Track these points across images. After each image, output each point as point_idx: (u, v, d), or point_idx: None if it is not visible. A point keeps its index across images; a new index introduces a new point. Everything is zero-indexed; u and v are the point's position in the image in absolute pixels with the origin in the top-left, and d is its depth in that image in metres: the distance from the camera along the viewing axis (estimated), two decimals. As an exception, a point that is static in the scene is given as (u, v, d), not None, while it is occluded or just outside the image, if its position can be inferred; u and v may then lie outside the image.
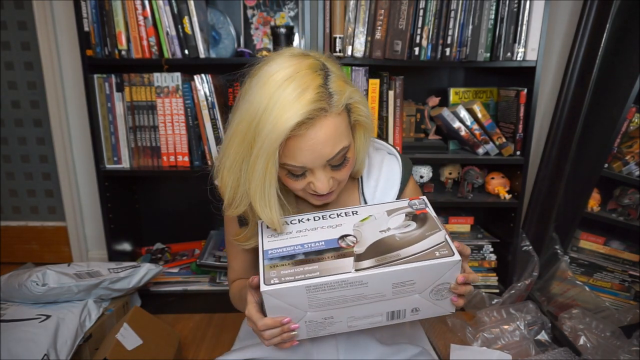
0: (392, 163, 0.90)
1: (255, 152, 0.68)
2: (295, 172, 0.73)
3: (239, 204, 0.76)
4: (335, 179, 0.75)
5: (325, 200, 0.78)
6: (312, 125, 0.68)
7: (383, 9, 1.49)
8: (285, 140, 0.67)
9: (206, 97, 1.55)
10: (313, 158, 0.70)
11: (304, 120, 0.66)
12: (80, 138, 1.91)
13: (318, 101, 0.67)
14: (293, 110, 0.65)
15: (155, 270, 1.52)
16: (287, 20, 1.71)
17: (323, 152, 0.70)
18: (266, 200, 0.71)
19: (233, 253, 0.95)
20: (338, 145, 0.71)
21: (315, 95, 0.67)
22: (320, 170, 0.72)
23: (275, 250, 0.68)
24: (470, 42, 1.51)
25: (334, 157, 0.71)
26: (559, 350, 1.39)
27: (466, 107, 1.62)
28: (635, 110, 1.50)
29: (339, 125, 0.71)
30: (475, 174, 1.67)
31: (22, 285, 1.23)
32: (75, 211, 1.99)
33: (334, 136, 0.70)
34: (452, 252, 0.64)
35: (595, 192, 1.62)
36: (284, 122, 0.65)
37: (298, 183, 0.74)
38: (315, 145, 0.69)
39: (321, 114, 0.68)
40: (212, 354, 1.50)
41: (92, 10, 1.48)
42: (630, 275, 1.63)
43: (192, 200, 1.93)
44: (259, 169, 0.68)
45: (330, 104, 0.69)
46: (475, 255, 1.75)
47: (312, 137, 0.68)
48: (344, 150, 0.72)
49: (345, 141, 0.72)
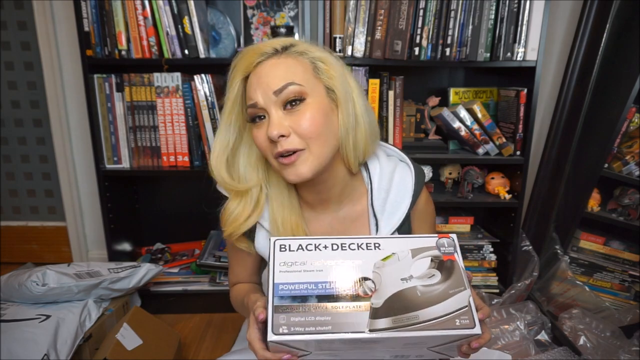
0: (405, 172, 0.86)
1: (225, 98, 0.78)
2: (253, 114, 0.74)
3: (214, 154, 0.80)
4: (292, 128, 0.71)
5: (294, 169, 0.72)
6: (263, 62, 0.73)
7: (383, 9, 1.49)
8: (247, 82, 0.75)
9: (206, 97, 1.55)
10: (261, 90, 0.71)
11: (257, 58, 0.73)
12: (80, 138, 1.91)
13: (274, 43, 0.75)
14: (250, 48, 0.76)
15: (155, 270, 1.52)
16: (287, 20, 1.71)
17: (269, 84, 0.71)
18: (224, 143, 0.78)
19: (235, 257, 0.93)
20: (285, 77, 0.71)
21: (273, 40, 0.76)
22: (272, 110, 0.72)
23: (287, 286, 0.61)
24: (470, 42, 1.51)
25: (280, 90, 0.71)
26: (558, 350, 1.39)
27: (466, 107, 1.62)
28: (635, 110, 1.50)
29: (292, 65, 0.73)
30: (475, 174, 1.67)
31: (22, 285, 1.23)
32: (75, 211, 1.99)
33: (282, 70, 0.72)
34: (474, 324, 0.59)
35: (595, 192, 1.62)
36: (240, 61, 0.75)
37: (260, 132, 0.74)
38: (263, 78, 0.72)
39: (274, 53, 0.74)
40: (212, 354, 1.50)
41: (92, 10, 1.48)
42: (630, 275, 1.63)
43: (192, 200, 1.93)
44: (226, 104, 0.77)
45: (285, 50, 0.75)
46: (475, 255, 1.75)
47: (260, 72, 0.73)
48: (292, 85, 0.71)
49: (297, 78, 0.72)
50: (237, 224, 0.81)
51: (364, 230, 0.85)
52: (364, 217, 0.85)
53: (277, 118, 0.71)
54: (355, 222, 0.85)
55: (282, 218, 0.81)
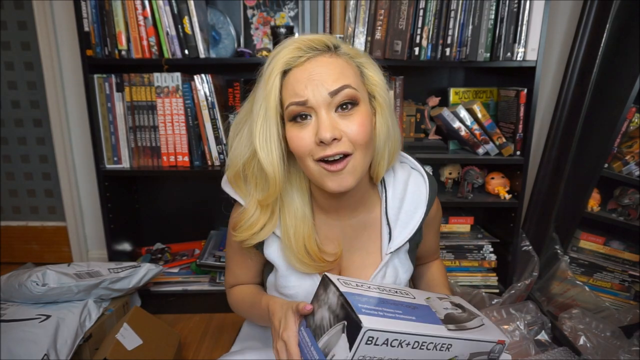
0: (418, 181, 0.84)
1: (260, 91, 0.71)
2: (297, 112, 0.69)
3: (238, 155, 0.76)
4: (343, 131, 0.68)
5: (339, 178, 0.69)
6: (314, 59, 0.69)
7: (383, 9, 1.49)
8: (287, 78, 0.69)
9: (206, 97, 1.55)
10: (313, 88, 0.67)
11: (305, 53, 0.68)
12: (80, 138, 1.91)
13: (323, 40, 0.70)
14: (292, 40, 0.70)
15: (155, 270, 1.52)
16: (287, 20, 1.71)
17: (325, 83, 0.67)
18: (267, 138, 0.70)
19: (237, 259, 0.90)
20: (342, 79, 0.68)
21: (321, 36, 0.71)
22: (323, 111, 0.68)
23: None
24: (470, 42, 1.51)
25: (337, 91, 0.67)
26: (558, 350, 1.39)
27: (466, 107, 1.62)
28: (635, 110, 1.50)
29: (345, 68, 0.70)
30: (475, 174, 1.67)
31: (22, 285, 1.23)
32: (75, 211, 1.99)
33: (337, 71, 0.68)
34: None
35: (595, 192, 1.62)
36: (283, 52, 0.69)
37: (304, 132, 0.69)
38: (315, 75, 0.67)
39: (323, 50, 0.70)
40: (212, 354, 1.50)
41: (92, 10, 1.48)
42: (630, 275, 1.63)
43: (192, 200, 1.93)
44: (260, 101, 0.70)
45: (336, 49, 0.71)
46: (475, 255, 1.75)
47: (312, 69, 0.68)
48: (349, 88, 0.68)
49: (352, 82, 0.69)
50: (251, 232, 0.78)
51: (376, 238, 0.84)
52: (376, 226, 0.84)
53: (330, 120, 0.68)
54: (368, 229, 0.84)
55: (295, 229, 0.78)
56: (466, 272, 1.75)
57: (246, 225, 0.78)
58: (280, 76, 0.70)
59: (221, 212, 2.12)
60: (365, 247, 0.84)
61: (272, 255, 0.82)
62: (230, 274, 0.93)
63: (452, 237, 1.77)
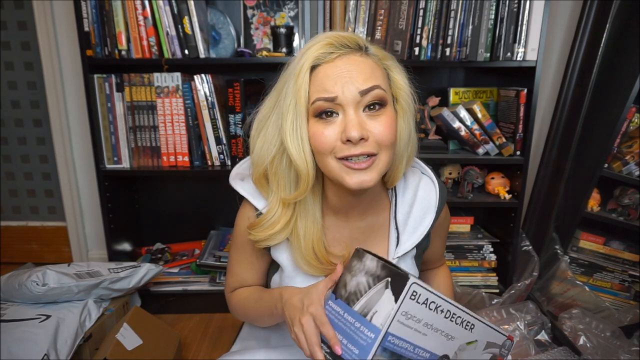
0: (429, 187, 0.84)
1: (287, 86, 0.70)
2: (323, 108, 0.68)
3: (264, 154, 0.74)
4: (370, 131, 0.68)
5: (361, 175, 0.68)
6: (345, 56, 0.68)
7: (383, 9, 1.49)
8: (315, 73, 0.68)
9: (206, 97, 1.55)
10: (344, 85, 0.66)
11: (336, 49, 0.68)
12: (80, 138, 1.91)
13: (355, 39, 0.69)
14: (323, 35, 0.69)
15: (155, 270, 1.52)
16: (287, 20, 1.71)
17: (355, 81, 0.66)
18: (298, 133, 0.69)
19: (242, 261, 0.87)
20: (372, 79, 0.67)
21: (354, 35, 0.70)
22: (351, 109, 0.67)
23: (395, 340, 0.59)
24: (470, 42, 1.51)
25: (367, 91, 0.67)
26: (558, 350, 1.39)
27: (466, 107, 1.62)
28: (635, 110, 1.50)
29: (375, 68, 0.69)
30: (475, 174, 1.67)
31: (22, 285, 1.23)
32: (75, 211, 1.99)
33: (368, 71, 0.68)
34: None
35: (595, 192, 1.62)
36: (315, 47, 0.68)
37: (329, 129, 0.68)
38: (346, 72, 0.67)
39: (355, 49, 0.69)
40: (212, 354, 1.50)
41: (92, 10, 1.48)
42: (630, 275, 1.63)
43: (192, 200, 1.93)
44: (290, 96, 0.69)
45: (366, 49, 0.71)
46: (475, 255, 1.75)
47: (342, 66, 0.67)
48: (379, 89, 0.68)
49: (381, 83, 0.68)
50: (271, 232, 0.76)
51: (383, 242, 0.83)
52: (384, 230, 0.84)
53: (358, 119, 0.67)
54: (376, 233, 0.83)
55: (304, 231, 0.77)
56: (466, 272, 1.75)
57: (267, 224, 0.76)
58: (309, 71, 0.69)
59: (221, 212, 2.12)
60: (371, 250, 0.83)
61: (280, 256, 0.82)
62: (233, 276, 0.90)
63: (452, 237, 1.77)
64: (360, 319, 0.60)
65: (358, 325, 0.60)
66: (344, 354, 0.60)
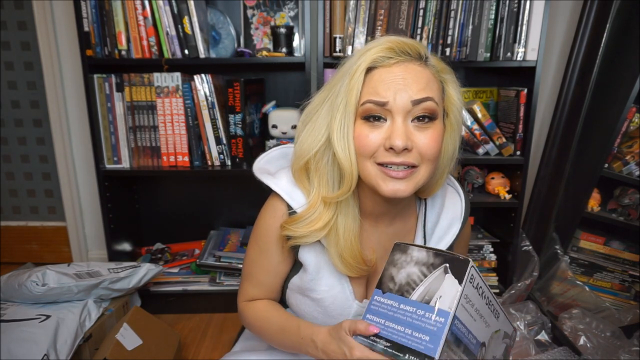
0: (454, 198, 0.84)
1: (341, 84, 0.69)
2: (372, 111, 0.67)
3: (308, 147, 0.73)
4: (415, 143, 0.67)
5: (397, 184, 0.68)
6: (403, 64, 0.67)
7: (383, 9, 1.49)
8: (370, 75, 0.68)
9: (206, 97, 1.55)
10: (396, 92, 0.65)
11: (396, 55, 0.67)
12: (80, 138, 1.91)
13: (417, 48, 0.68)
14: (385, 39, 0.68)
15: (155, 270, 1.52)
16: (287, 20, 1.71)
17: (409, 89, 0.65)
18: (345, 132, 0.68)
19: (264, 264, 0.82)
20: (426, 90, 0.66)
21: (416, 43, 0.69)
22: (400, 117, 0.66)
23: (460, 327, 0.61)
24: (470, 42, 1.51)
25: (420, 101, 0.66)
26: (558, 350, 1.39)
27: (466, 107, 1.61)
28: (635, 110, 1.50)
29: (431, 80, 0.68)
30: (475, 174, 1.67)
31: (22, 285, 1.23)
32: (75, 211, 1.99)
33: (424, 81, 0.67)
34: None
35: (595, 192, 1.62)
36: (374, 50, 0.67)
37: (375, 134, 0.67)
38: (401, 80, 0.66)
39: (415, 58, 0.68)
40: (212, 354, 1.50)
41: (92, 10, 1.48)
42: (630, 275, 1.63)
43: (192, 200, 1.93)
44: (342, 94, 0.68)
45: (426, 59, 0.70)
46: (475, 255, 1.75)
47: (399, 73, 0.66)
48: (431, 101, 0.67)
49: (435, 96, 0.67)
50: (311, 229, 0.73)
51: None
52: (410, 237, 0.84)
53: (405, 128, 0.66)
54: (402, 240, 0.81)
55: (345, 227, 0.75)
56: (466, 272, 1.75)
57: (309, 220, 0.74)
58: (364, 73, 0.68)
59: (221, 212, 2.12)
60: None
61: (307, 256, 0.79)
62: (251, 280, 0.85)
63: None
64: (423, 306, 0.60)
65: (422, 312, 0.60)
66: (411, 344, 0.59)
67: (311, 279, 0.80)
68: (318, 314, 0.82)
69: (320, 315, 0.82)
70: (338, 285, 0.80)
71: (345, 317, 0.81)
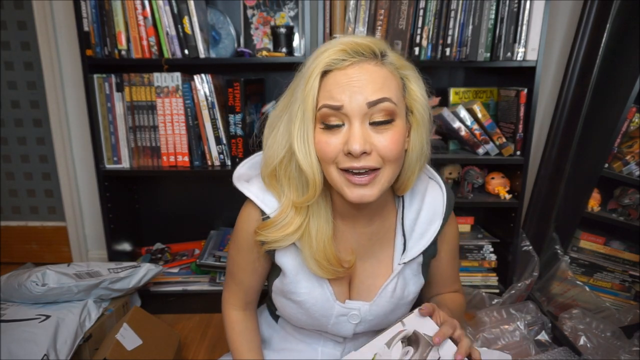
0: (436, 192, 0.82)
1: (298, 89, 0.69)
2: (332, 117, 0.66)
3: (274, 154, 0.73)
4: (375, 145, 0.66)
5: (362, 191, 0.67)
6: (357, 65, 0.66)
7: (383, 9, 1.49)
8: (326, 78, 0.67)
9: (206, 97, 1.55)
10: (351, 94, 0.64)
11: (349, 57, 0.65)
12: (80, 138, 1.91)
13: (370, 46, 0.66)
14: (338, 41, 0.67)
15: (155, 270, 1.52)
16: (287, 20, 1.71)
17: (364, 91, 0.64)
18: (305, 139, 0.68)
19: (243, 265, 0.85)
20: (383, 91, 0.65)
21: (369, 41, 0.67)
22: (357, 121, 0.65)
23: None
24: (470, 42, 1.51)
25: (376, 102, 0.64)
26: (559, 350, 1.39)
27: (466, 107, 1.61)
28: (635, 110, 1.50)
29: (388, 78, 0.66)
30: (475, 174, 1.67)
31: (21, 285, 1.23)
32: (75, 211, 1.99)
33: (380, 81, 0.65)
34: None
35: (596, 192, 1.62)
36: (327, 52, 0.66)
37: (333, 139, 0.66)
38: (355, 82, 0.64)
39: (371, 57, 0.67)
40: (212, 354, 1.50)
41: (92, 10, 1.48)
42: (631, 275, 1.62)
43: (192, 200, 1.93)
44: (299, 100, 0.68)
45: (383, 56, 0.68)
46: (475, 255, 1.75)
47: (353, 75, 0.65)
48: (388, 102, 0.65)
49: (392, 96, 0.65)
50: (285, 234, 0.74)
51: (389, 248, 0.82)
52: (389, 235, 0.83)
53: (362, 132, 0.65)
54: (382, 239, 0.82)
55: (317, 229, 0.75)
56: (466, 272, 1.75)
57: (280, 225, 0.75)
58: (319, 77, 0.67)
59: (221, 212, 2.12)
60: (377, 256, 0.83)
61: (284, 260, 0.80)
62: (233, 278, 0.88)
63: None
64: None
65: None
66: None
67: (290, 281, 0.80)
68: (301, 315, 0.83)
69: (303, 317, 0.83)
70: (318, 287, 0.80)
71: (327, 318, 0.82)
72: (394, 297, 0.82)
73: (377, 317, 0.82)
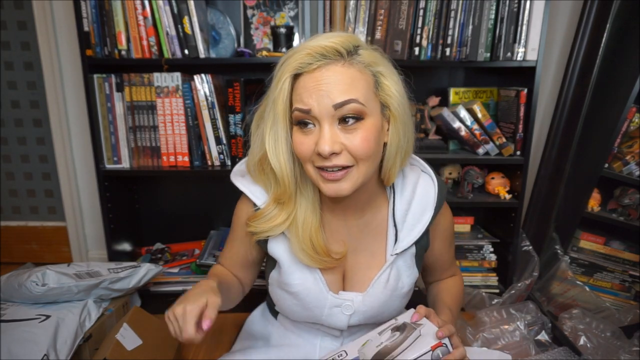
0: (427, 184, 0.84)
1: (270, 93, 0.72)
2: (301, 118, 0.69)
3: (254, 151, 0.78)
4: (344, 145, 0.68)
5: (336, 185, 0.70)
6: (325, 67, 0.67)
7: (383, 9, 1.49)
8: (298, 81, 0.69)
9: (206, 97, 1.55)
10: (319, 98, 0.66)
11: (315, 60, 0.67)
12: (80, 138, 1.91)
13: (337, 45, 0.68)
14: (305, 45, 0.69)
15: (155, 270, 1.52)
16: (287, 20, 1.71)
17: (330, 94, 0.66)
18: (274, 139, 0.72)
19: (234, 247, 0.92)
20: (349, 92, 0.66)
21: (337, 41, 0.68)
22: (326, 123, 0.67)
23: None
24: (470, 42, 1.51)
25: (342, 104, 0.66)
26: (559, 350, 1.39)
27: (466, 107, 1.62)
28: (635, 110, 1.50)
29: (356, 79, 0.68)
30: (475, 174, 1.67)
31: (21, 285, 1.23)
32: (75, 211, 1.99)
33: (345, 83, 0.67)
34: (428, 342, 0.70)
35: (596, 192, 1.62)
36: (294, 57, 0.68)
37: (306, 140, 0.69)
38: (322, 85, 0.66)
39: (337, 59, 0.68)
40: (212, 354, 1.50)
41: (92, 10, 1.48)
42: (631, 275, 1.63)
43: (192, 200, 1.93)
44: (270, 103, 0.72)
45: (350, 56, 0.69)
46: (475, 255, 1.75)
47: (320, 78, 0.67)
48: (354, 103, 0.66)
49: (360, 96, 0.67)
50: (272, 225, 0.78)
51: (382, 239, 0.84)
52: (382, 227, 0.84)
53: (331, 133, 0.67)
54: (374, 231, 0.84)
55: (304, 220, 0.78)
56: (466, 272, 1.75)
57: (268, 217, 0.79)
58: (290, 80, 0.70)
59: (221, 212, 2.12)
60: (370, 247, 0.84)
61: (277, 250, 0.83)
62: (226, 253, 0.95)
63: (452, 237, 1.77)
64: None
65: None
66: None
67: (285, 272, 0.83)
68: (296, 307, 0.85)
69: (298, 309, 0.85)
70: (310, 277, 0.82)
71: (321, 309, 0.83)
72: (387, 289, 0.83)
73: (371, 309, 0.83)
